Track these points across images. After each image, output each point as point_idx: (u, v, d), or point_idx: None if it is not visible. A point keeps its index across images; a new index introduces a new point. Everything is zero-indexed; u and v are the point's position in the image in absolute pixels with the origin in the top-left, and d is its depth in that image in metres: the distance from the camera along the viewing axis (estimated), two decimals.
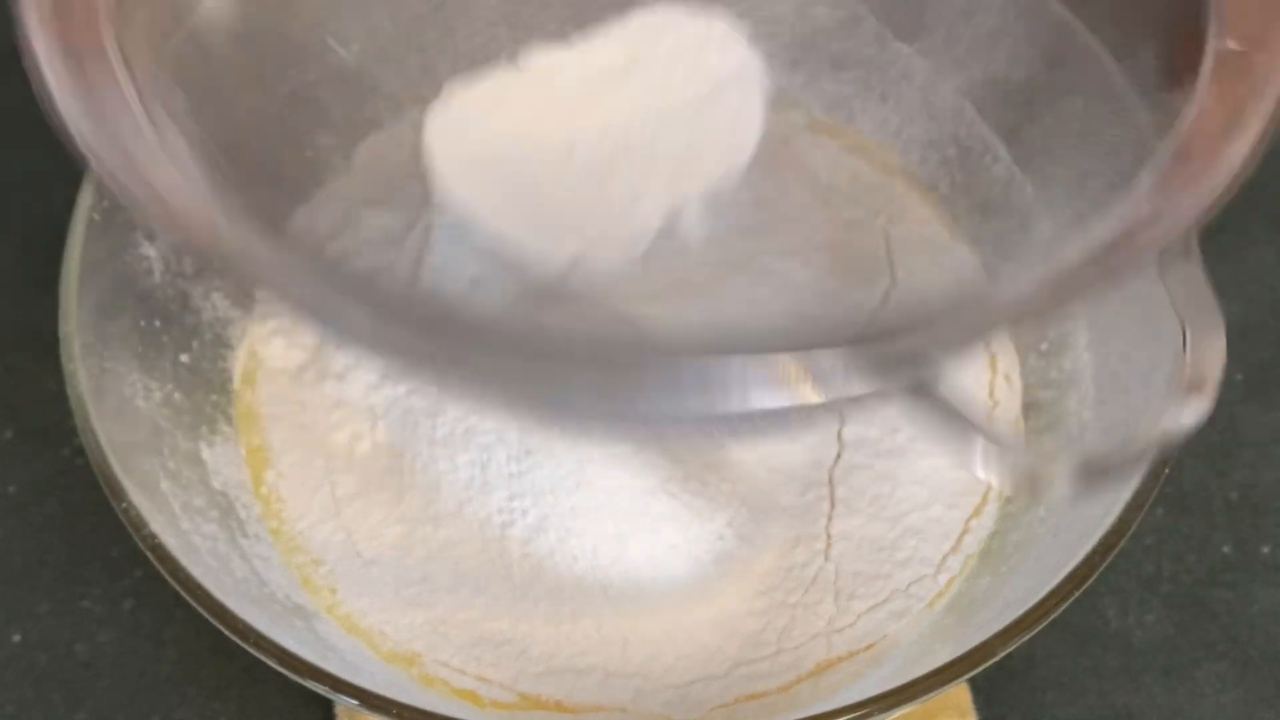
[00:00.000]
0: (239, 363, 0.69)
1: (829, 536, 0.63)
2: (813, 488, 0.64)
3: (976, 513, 0.64)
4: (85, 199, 0.60)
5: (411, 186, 0.72)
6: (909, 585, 0.61)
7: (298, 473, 0.65)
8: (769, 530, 0.62)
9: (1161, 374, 0.56)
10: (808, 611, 0.60)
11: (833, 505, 0.63)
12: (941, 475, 0.64)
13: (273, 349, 0.69)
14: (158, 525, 0.53)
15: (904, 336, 0.42)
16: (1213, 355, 0.45)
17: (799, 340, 0.40)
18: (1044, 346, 0.68)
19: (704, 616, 0.60)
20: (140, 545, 0.52)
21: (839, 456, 0.65)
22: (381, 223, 0.70)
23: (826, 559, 0.62)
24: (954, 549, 0.63)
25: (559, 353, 0.41)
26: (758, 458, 0.64)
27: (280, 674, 0.50)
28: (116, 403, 0.58)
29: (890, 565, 0.62)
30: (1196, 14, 0.49)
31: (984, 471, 0.44)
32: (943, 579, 0.62)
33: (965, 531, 0.63)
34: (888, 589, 0.61)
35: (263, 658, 0.50)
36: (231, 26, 0.68)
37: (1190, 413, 0.44)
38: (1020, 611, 0.51)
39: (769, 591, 0.61)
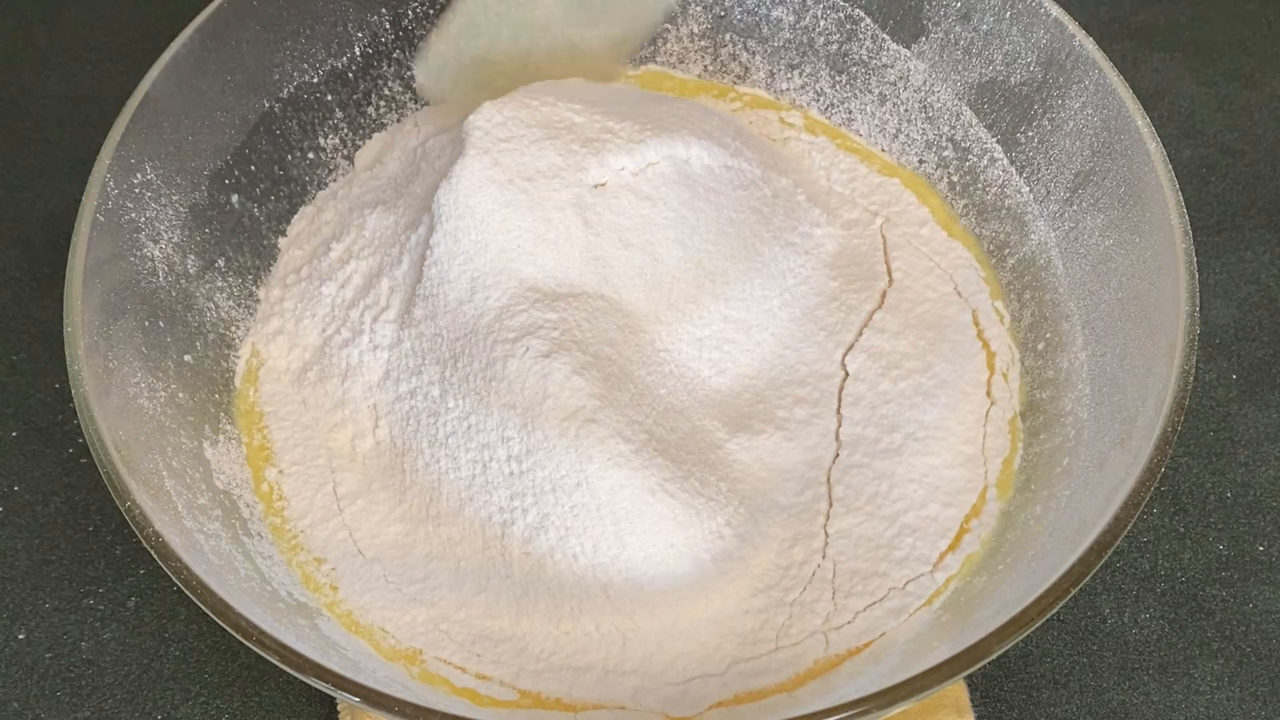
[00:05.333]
0: (241, 362, 0.69)
1: (826, 535, 0.63)
2: (811, 487, 0.64)
3: (975, 512, 0.64)
4: (90, 199, 0.60)
5: (413, 186, 0.73)
6: (906, 583, 0.62)
7: (299, 471, 0.66)
8: (767, 529, 0.63)
9: (1157, 373, 0.56)
10: (805, 609, 0.61)
11: (830, 504, 0.64)
12: (939, 474, 0.65)
13: (276, 348, 0.69)
14: (161, 524, 0.53)
15: None
16: None
17: None
18: (1040, 346, 0.68)
19: (702, 615, 0.61)
20: (144, 544, 0.52)
21: (837, 456, 0.65)
22: (385, 223, 0.70)
23: (824, 557, 0.62)
24: (952, 547, 0.63)
25: None
26: (755, 457, 0.65)
27: (283, 671, 0.50)
28: (120, 402, 0.58)
29: (887, 564, 0.62)
30: None
31: None
32: (940, 577, 0.62)
33: (964, 531, 0.63)
34: (885, 587, 0.62)
35: (265, 655, 0.50)
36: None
37: None
38: (1017, 610, 0.51)
39: (767, 590, 0.61)
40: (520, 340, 0.63)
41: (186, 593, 0.51)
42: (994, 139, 0.72)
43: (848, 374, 0.67)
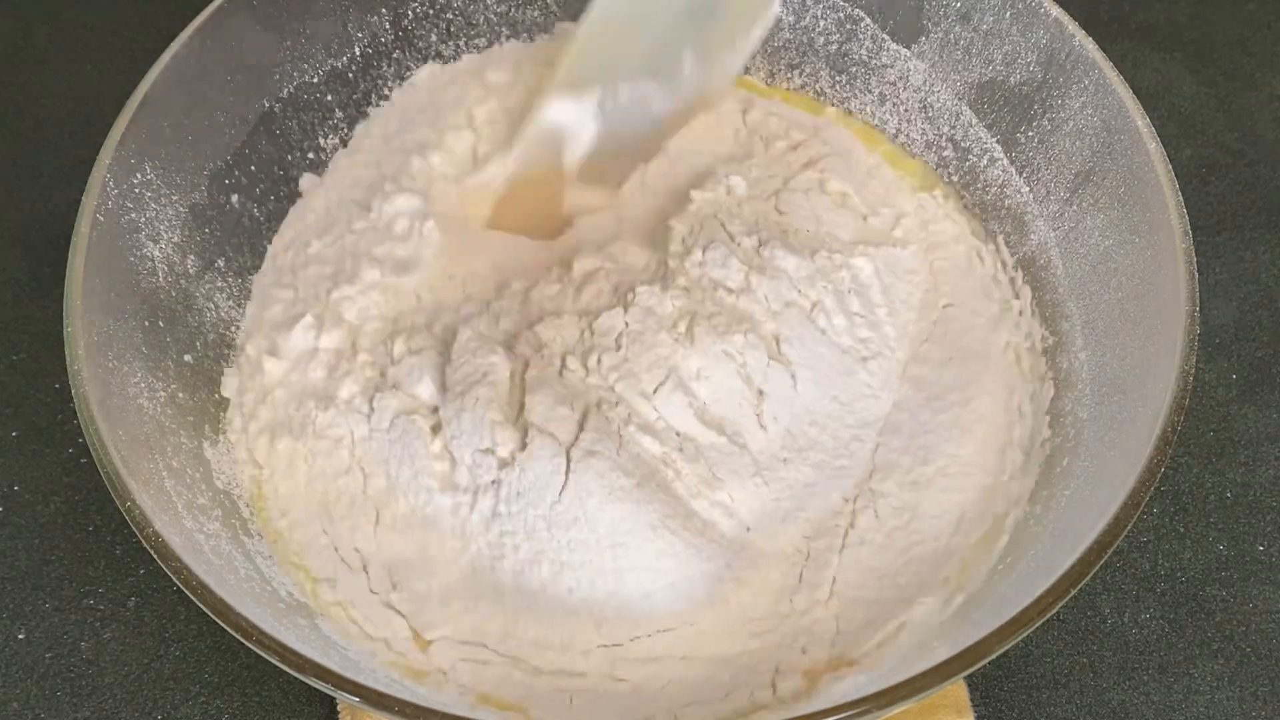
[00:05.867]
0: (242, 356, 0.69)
1: (835, 579, 0.61)
2: (824, 535, 0.62)
3: (986, 540, 0.62)
4: (90, 199, 0.60)
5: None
6: (916, 614, 0.60)
7: (285, 475, 0.65)
8: (769, 576, 0.61)
9: (1157, 374, 0.56)
10: (813, 645, 0.59)
11: (852, 526, 0.62)
12: (961, 509, 0.63)
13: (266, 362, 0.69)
14: (161, 524, 0.53)
15: None
16: None
17: None
18: (1040, 346, 0.68)
19: (698, 650, 0.59)
20: (144, 544, 0.52)
21: (870, 477, 0.63)
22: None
23: (829, 601, 0.60)
24: (961, 573, 0.61)
25: None
26: (763, 514, 0.62)
27: (283, 671, 0.50)
28: (120, 402, 0.58)
29: (893, 589, 0.60)
30: None
31: None
32: (950, 608, 0.60)
33: (981, 557, 0.62)
34: (886, 616, 0.60)
35: (265, 655, 0.50)
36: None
37: None
38: (1017, 610, 0.51)
39: (764, 634, 0.60)
40: (470, 392, 0.62)
41: (186, 593, 0.51)
42: (994, 139, 0.72)
43: (892, 405, 0.66)
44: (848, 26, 0.76)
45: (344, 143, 0.76)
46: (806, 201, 0.71)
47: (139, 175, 0.63)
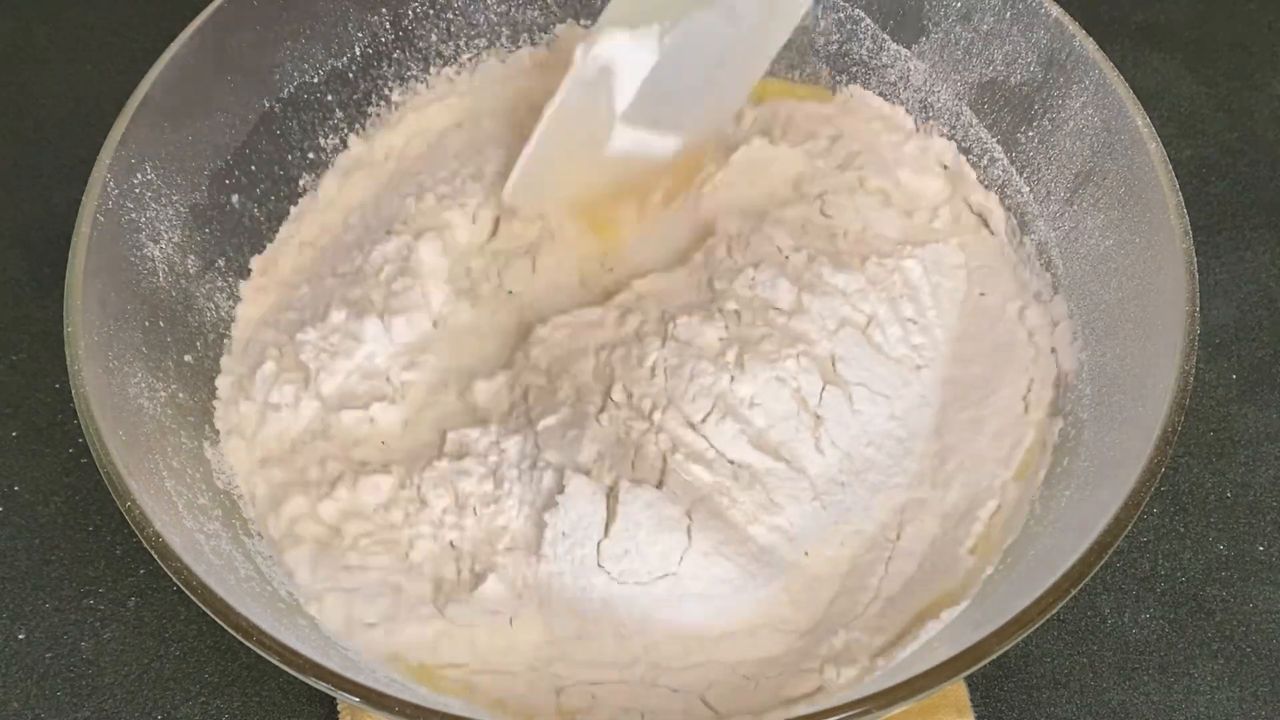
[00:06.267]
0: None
1: (879, 584, 0.61)
2: (875, 547, 0.62)
3: (998, 513, 0.62)
4: (90, 199, 0.60)
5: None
6: (941, 611, 0.59)
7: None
8: (820, 595, 0.61)
9: (1157, 374, 0.56)
10: (850, 646, 0.59)
11: (899, 538, 0.62)
12: (971, 501, 0.63)
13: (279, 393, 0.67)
14: (161, 524, 0.53)
15: None
16: None
17: None
18: None
19: (744, 655, 0.59)
20: (144, 544, 0.52)
21: (911, 482, 0.63)
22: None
23: (872, 600, 0.60)
24: (982, 559, 0.61)
25: None
26: (821, 544, 0.62)
27: (283, 671, 0.50)
28: (121, 402, 0.58)
29: (918, 586, 0.60)
30: None
31: None
32: (972, 591, 0.60)
33: (990, 535, 0.62)
34: (911, 611, 0.60)
35: (266, 655, 0.50)
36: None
37: None
38: (1017, 610, 0.51)
39: (811, 632, 0.60)
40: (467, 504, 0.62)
41: (187, 593, 0.51)
42: (994, 139, 0.72)
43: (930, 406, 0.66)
44: (848, 26, 0.76)
45: (345, 143, 0.76)
46: (851, 202, 0.70)
47: (139, 175, 0.63)
